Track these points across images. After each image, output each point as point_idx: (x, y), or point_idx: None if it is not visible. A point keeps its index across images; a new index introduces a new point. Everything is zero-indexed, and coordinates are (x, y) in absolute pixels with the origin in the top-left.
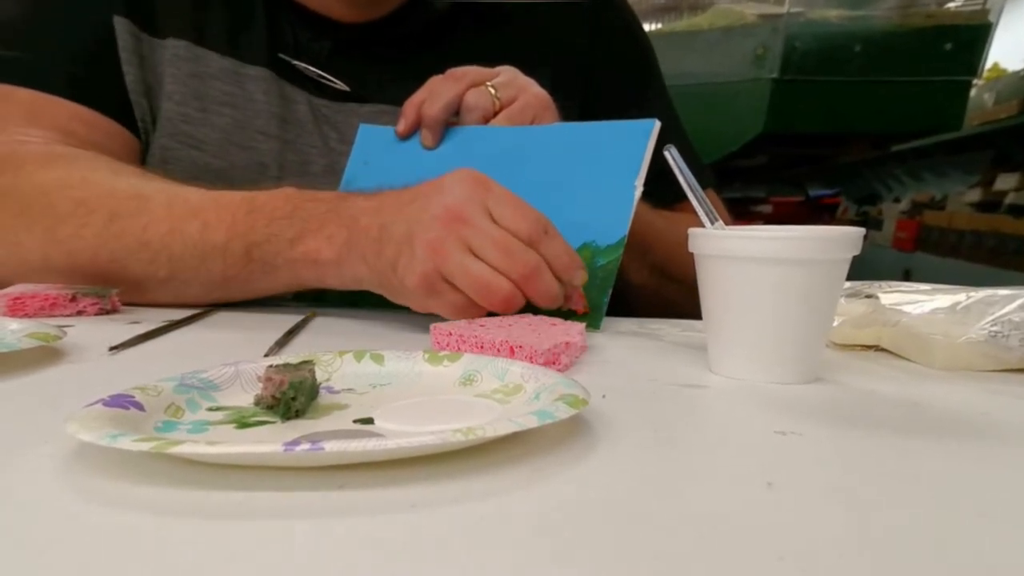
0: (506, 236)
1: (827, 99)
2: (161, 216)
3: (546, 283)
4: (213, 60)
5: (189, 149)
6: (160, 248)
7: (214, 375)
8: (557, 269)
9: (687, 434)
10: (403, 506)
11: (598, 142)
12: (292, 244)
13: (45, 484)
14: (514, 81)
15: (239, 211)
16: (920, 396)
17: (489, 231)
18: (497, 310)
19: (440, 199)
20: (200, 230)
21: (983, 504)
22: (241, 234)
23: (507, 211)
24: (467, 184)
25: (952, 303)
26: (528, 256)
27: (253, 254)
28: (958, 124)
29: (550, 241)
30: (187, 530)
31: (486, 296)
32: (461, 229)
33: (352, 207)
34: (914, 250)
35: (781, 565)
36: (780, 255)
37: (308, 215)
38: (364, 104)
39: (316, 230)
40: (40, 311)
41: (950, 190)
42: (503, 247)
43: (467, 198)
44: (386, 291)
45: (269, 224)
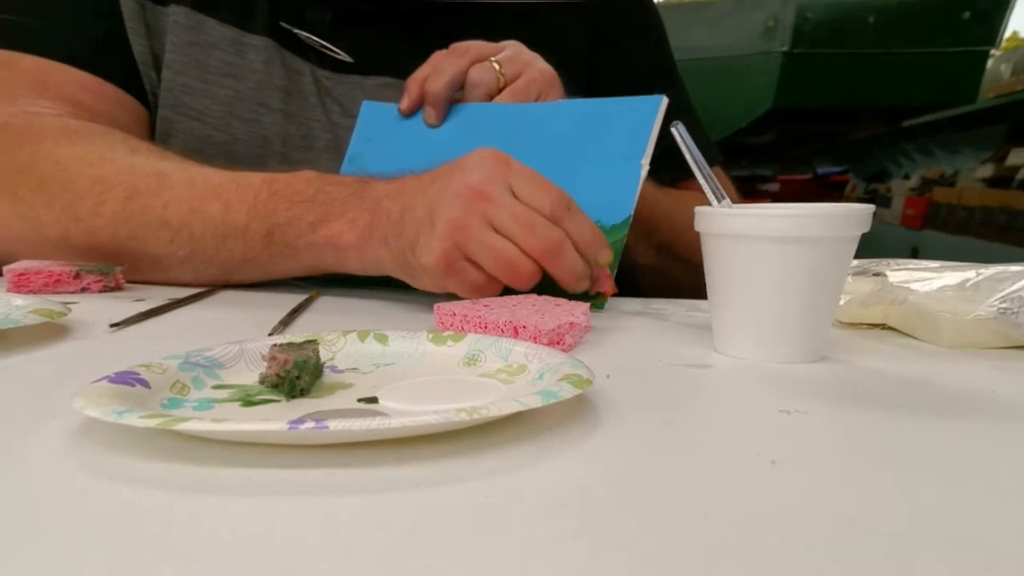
0: (529, 212)
1: (839, 73)
2: (182, 195)
3: (570, 260)
4: (213, 27)
5: (190, 121)
6: (180, 227)
7: (219, 353)
8: (581, 246)
9: (691, 414)
10: (408, 485)
11: (604, 119)
12: (314, 228)
13: (53, 459)
14: (519, 56)
15: (261, 192)
16: (927, 374)
17: (512, 208)
18: (518, 287)
19: (462, 177)
20: (221, 210)
21: (991, 481)
22: (262, 216)
23: (529, 188)
24: (488, 162)
25: (961, 280)
26: (552, 232)
27: (274, 236)
28: (973, 97)
29: (573, 218)
30: (193, 506)
31: (509, 273)
32: (483, 206)
33: (375, 191)
34: (922, 227)
35: (785, 543)
36: (787, 233)
37: (330, 199)
38: (368, 76)
39: (338, 214)
40: (44, 287)
41: (961, 166)
42: (526, 223)
43: (488, 176)
44: (406, 274)
45: (291, 207)
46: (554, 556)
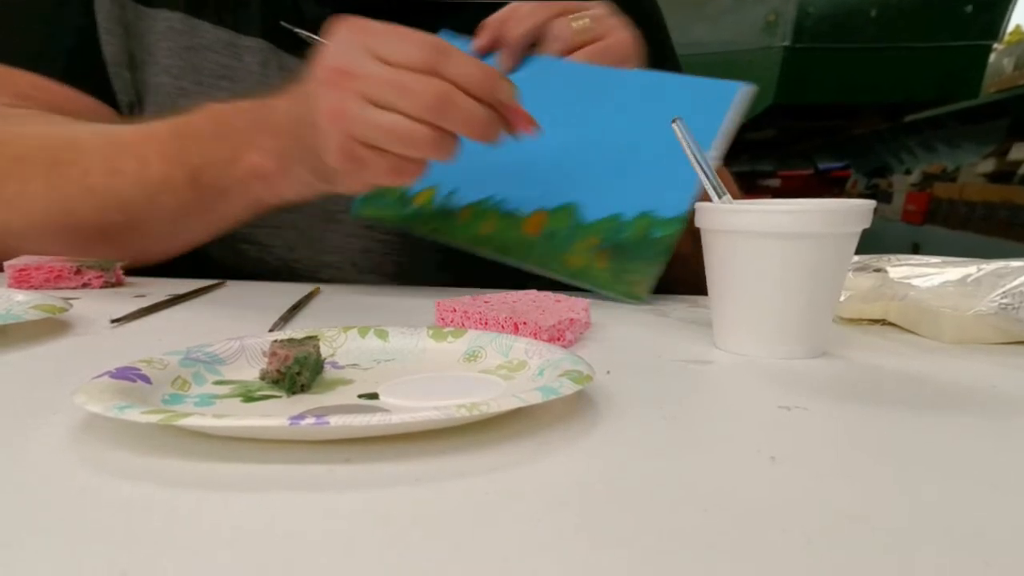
0: (399, 73)
1: (840, 68)
2: (98, 159)
3: (464, 109)
4: (207, 31)
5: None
6: (105, 191)
7: (220, 349)
8: (473, 89)
9: (691, 410)
10: (408, 480)
11: (679, 98)
12: (232, 163)
13: (55, 455)
14: (603, 20)
15: (167, 139)
16: (927, 370)
17: (379, 74)
18: (432, 157)
19: (320, 63)
20: (139, 167)
21: (991, 477)
22: (178, 162)
23: (392, 45)
24: (342, 35)
25: (962, 276)
26: (431, 85)
27: (199, 180)
28: (975, 91)
29: (452, 61)
30: (194, 501)
31: (408, 146)
32: (350, 84)
33: (271, 110)
34: (923, 223)
35: (784, 539)
36: (788, 229)
37: (234, 130)
38: None
39: (247, 144)
40: (45, 283)
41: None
42: (399, 86)
43: (344, 49)
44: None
45: (202, 148)
46: (554, 552)
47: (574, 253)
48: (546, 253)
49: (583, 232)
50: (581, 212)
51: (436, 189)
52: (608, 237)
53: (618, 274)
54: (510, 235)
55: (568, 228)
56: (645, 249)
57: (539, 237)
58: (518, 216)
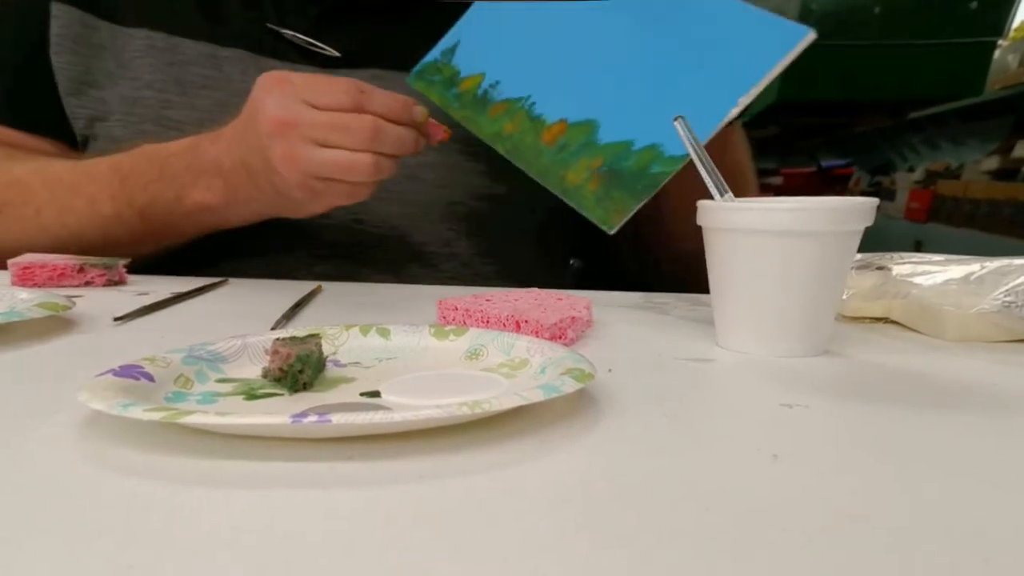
0: (334, 115)
1: (843, 65)
2: (46, 200)
3: (393, 136)
4: (188, 46)
5: (169, 131)
6: (59, 229)
7: (222, 347)
8: (395, 117)
9: (693, 408)
10: (411, 478)
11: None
12: (178, 201)
13: (59, 452)
14: None
15: (114, 181)
16: (929, 368)
17: (318, 119)
18: (375, 178)
19: (264, 116)
20: (88, 205)
21: (992, 475)
22: (125, 202)
23: (320, 92)
24: (272, 90)
25: (965, 274)
26: (364, 121)
27: (147, 215)
28: (980, 88)
29: (373, 97)
30: (197, 498)
31: (353, 173)
32: (295, 131)
33: (208, 155)
34: (927, 221)
35: (785, 537)
36: (790, 227)
37: (175, 172)
38: (356, 69)
39: (191, 184)
40: (49, 281)
41: (967, 158)
42: (338, 126)
43: (282, 102)
44: (287, 212)
45: (145, 188)
46: (556, 550)
47: (575, 170)
48: (550, 164)
49: (591, 151)
50: (598, 131)
51: (483, 76)
52: (612, 162)
53: (601, 199)
54: (527, 139)
55: (580, 144)
56: (637, 181)
57: (552, 148)
58: (542, 122)
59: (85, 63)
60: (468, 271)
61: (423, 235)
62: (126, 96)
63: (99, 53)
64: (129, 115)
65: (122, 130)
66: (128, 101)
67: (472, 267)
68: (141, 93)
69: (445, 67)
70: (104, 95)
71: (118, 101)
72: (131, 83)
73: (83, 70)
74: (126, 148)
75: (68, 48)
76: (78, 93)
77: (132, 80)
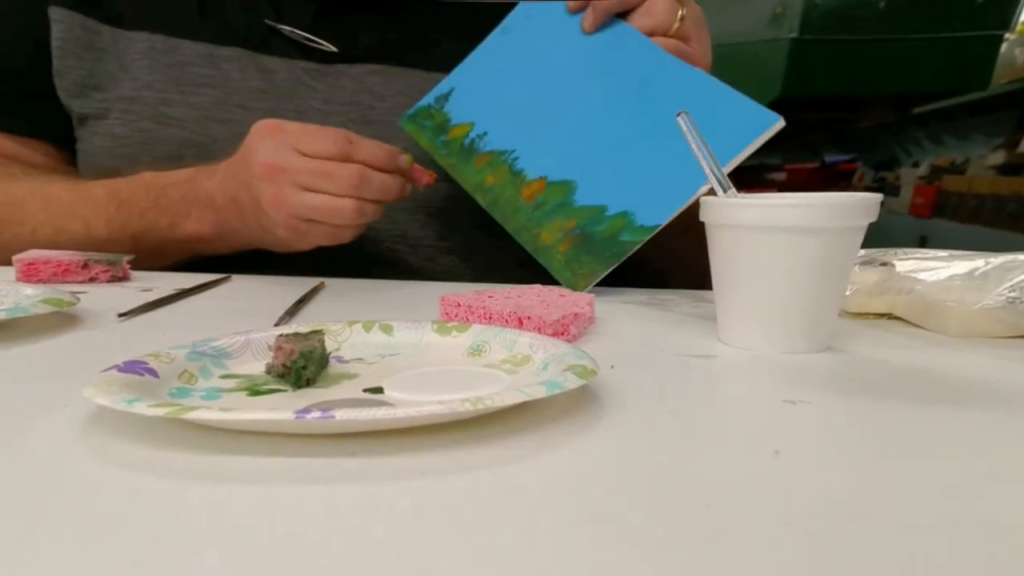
0: (322, 163)
1: (848, 59)
2: (43, 220)
3: (378, 184)
4: (187, 47)
5: (168, 128)
6: (55, 248)
7: (226, 343)
8: (379, 165)
9: (695, 404)
10: (413, 473)
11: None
12: (171, 229)
13: (65, 447)
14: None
15: (111, 206)
16: (932, 364)
17: (306, 166)
18: (359, 222)
19: (256, 160)
20: (83, 228)
21: (996, 471)
22: (119, 228)
23: (310, 142)
24: (266, 137)
25: (969, 269)
26: (350, 170)
27: (140, 242)
28: (986, 83)
29: (360, 147)
30: (201, 493)
31: (337, 217)
32: (283, 176)
33: (203, 188)
34: (931, 216)
35: (787, 530)
36: (793, 223)
37: (171, 202)
38: (353, 64)
39: (184, 215)
40: (53, 277)
41: (972, 153)
42: (324, 173)
43: (273, 148)
44: (272, 247)
45: (142, 215)
46: (558, 545)
47: (549, 229)
48: (526, 221)
49: (567, 212)
50: (575, 193)
51: (472, 126)
52: (585, 225)
53: (570, 262)
54: (507, 193)
55: (556, 204)
56: (606, 248)
57: (529, 205)
58: (523, 177)
59: (88, 67)
60: (467, 266)
61: (420, 228)
62: (125, 95)
63: (101, 57)
64: (127, 112)
65: (121, 128)
66: (127, 100)
67: (471, 262)
68: (141, 93)
69: (437, 113)
70: (106, 96)
71: (117, 100)
72: (131, 84)
73: (86, 74)
74: (127, 148)
75: (71, 52)
76: (80, 96)
77: (133, 81)
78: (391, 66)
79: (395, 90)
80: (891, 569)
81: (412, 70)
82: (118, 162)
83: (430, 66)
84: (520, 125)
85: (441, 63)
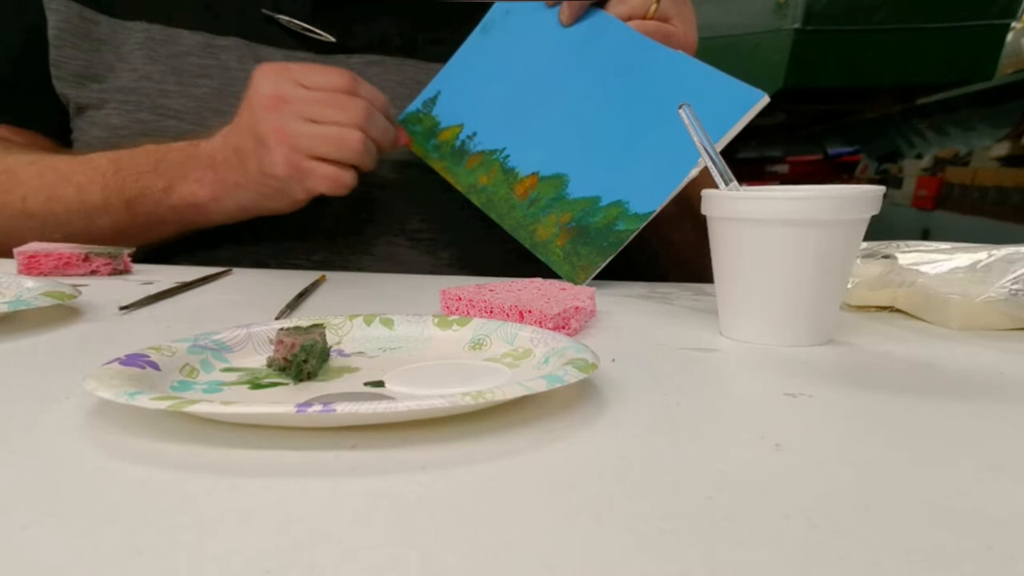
0: (329, 94)
1: (852, 50)
2: (36, 186)
3: (382, 123)
4: (186, 37)
5: (168, 119)
6: (45, 215)
7: (227, 337)
8: (380, 108)
9: (696, 397)
10: (414, 467)
11: (699, 89)
12: (167, 193)
13: (67, 439)
14: (680, 5)
15: (108, 171)
16: (934, 356)
17: (313, 96)
18: (357, 162)
19: (259, 95)
20: (76, 193)
21: (997, 463)
22: (115, 192)
23: (316, 76)
24: (268, 72)
25: (972, 262)
26: (357, 101)
27: (134, 207)
28: (991, 73)
29: (364, 85)
30: (203, 485)
31: (343, 149)
32: (290, 107)
33: (205, 148)
34: (934, 208)
35: (788, 523)
36: (795, 216)
37: (170, 165)
38: (351, 55)
39: (183, 176)
40: (55, 270)
41: (976, 145)
42: (332, 102)
43: (277, 82)
44: (272, 200)
45: (138, 179)
46: (559, 538)
47: (544, 225)
48: (522, 218)
49: (561, 206)
50: (568, 186)
51: (462, 127)
52: (580, 217)
53: (569, 255)
54: (500, 192)
55: (550, 199)
56: (603, 238)
57: (523, 201)
58: (515, 175)
59: (86, 57)
60: (467, 260)
61: (420, 221)
62: (123, 86)
63: (99, 47)
64: (125, 103)
65: (118, 118)
66: (125, 90)
67: (471, 256)
68: (139, 83)
69: (426, 117)
70: (104, 87)
71: (114, 91)
72: (129, 74)
73: (84, 64)
74: (125, 139)
75: (69, 42)
76: (78, 86)
77: (131, 71)
78: (389, 57)
79: (393, 81)
80: (891, 561)
81: (410, 61)
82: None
83: (428, 57)
84: (508, 123)
85: (440, 55)
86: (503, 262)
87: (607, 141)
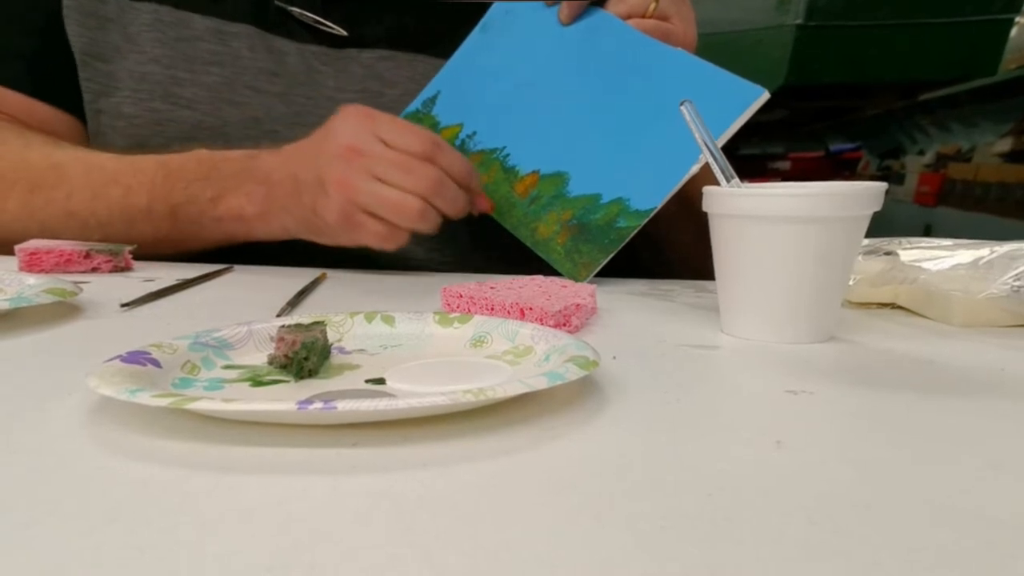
0: (403, 156)
1: (854, 46)
2: (81, 185)
3: (452, 193)
4: (196, 21)
5: (181, 109)
6: (87, 215)
7: (228, 334)
8: (457, 178)
9: (697, 395)
10: (415, 464)
11: (699, 86)
12: (214, 203)
13: (68, 437)
14: (679, 4)
15: (157, 175)
16: (935, 353)
17: (386, 155)
18: (413, 227)
19: (335, 139)
20: (122, 195)
21: (999, 460)
22: (162, 197)
23: (397, 134)
24: (353, 119)
25: (974, 258)
26: (429, 170)
27: (178, 215)
28: (994, 69)
29: (444, 153)
30: (204, 483)
31: (401, 215)
32: (361, 160)
33: (263, 164)
34: (936, 204)
35: (789, 520)
36: (796, 213)
37: (223, 175)
38: (364, 49)
39: (234, 188)
40: (56, 267)
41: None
42: (404, 166)
43: (357, 131)
44: (314, 234)
45: (187, 186)
46: (560, 535)
47: (545, 222)
48: (523, 216)
49: (562, 204)
50: (568, 184)
51: (462, 127)
52: (581, 215)
53: (570, 252)
54: (501, 190)
55: (551, 197)
56: (604, 235)
57: (524, 200)
58: (515, 173)
59: (92, 35)
60: (468, 257)
61: None
62: (133, 71)
63: (106, 26)
64: (137, 91)
65: (131, 107)
66: (136, 77)
67: (472, 253)
68: (148, 68)
69: (426, 117)
70: (111, 69)
71: (125, 76)
72: (138, 57)
73: (89, 42)
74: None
75: (75, 20)
76: (85, 66)
77: (139, 55)
78: (401, 52)
79: (405, 76)
80: (892, 558)
81: (422, 56)
82: (128, 142)
83: (440, 52)
84: (508, 121)
85: (451, 50)
86: (504, 260)
87: (607, 139)
